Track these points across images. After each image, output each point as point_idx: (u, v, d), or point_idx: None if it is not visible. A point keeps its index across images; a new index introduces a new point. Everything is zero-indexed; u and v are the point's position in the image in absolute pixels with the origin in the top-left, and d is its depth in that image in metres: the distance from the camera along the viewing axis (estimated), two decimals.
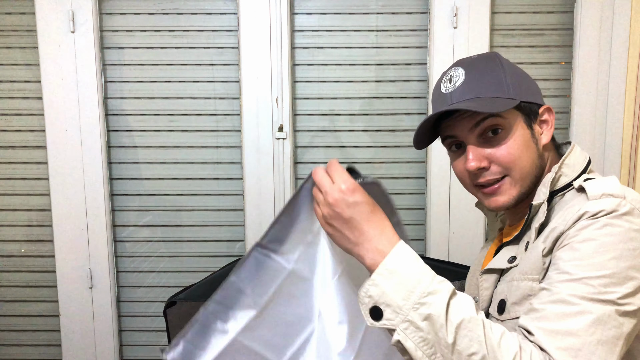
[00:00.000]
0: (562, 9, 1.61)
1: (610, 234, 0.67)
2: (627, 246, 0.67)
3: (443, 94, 0.83)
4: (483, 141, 0.81)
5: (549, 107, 0.84)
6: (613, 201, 0.71)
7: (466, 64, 0.82)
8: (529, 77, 0.88)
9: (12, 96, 1.64)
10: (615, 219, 0.69)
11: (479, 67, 0.82)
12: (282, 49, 1.58)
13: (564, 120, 1.64)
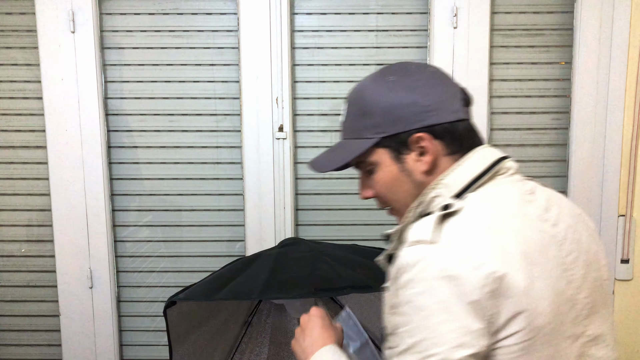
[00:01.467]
0: (562, 9, 1.61)
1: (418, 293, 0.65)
2: (432, 300, 0.64)
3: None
4: (364, 175, 0.85)
5: (420, 135, 0.76)
6: (414, 254, 0.67)
7: (350, 94, 0.84)
8: (408, 99, 0.77)
9: (12, 96, 1.64)
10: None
11: (352, 99, 0.83)
12: (282, 49, 1.58)
13: (564, 120, 1.64)
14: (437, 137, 0.77)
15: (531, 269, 0.67)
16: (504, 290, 0.65)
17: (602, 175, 1.61)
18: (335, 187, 1.67)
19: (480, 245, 0.67)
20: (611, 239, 1.64)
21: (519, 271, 0.66)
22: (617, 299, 1.67)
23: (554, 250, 0.72)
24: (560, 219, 0.76)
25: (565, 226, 0.75)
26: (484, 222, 0.70)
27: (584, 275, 0.74)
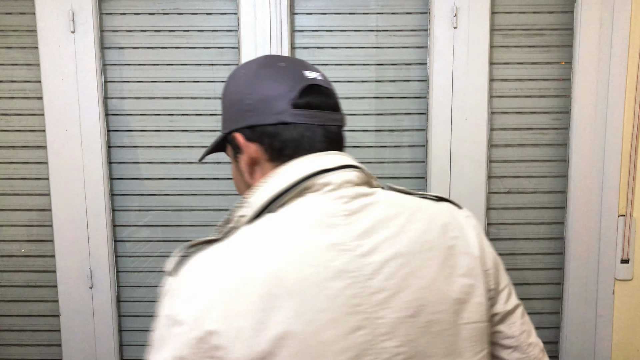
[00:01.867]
0: (562, 9, 1.61)
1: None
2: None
3: None
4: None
5: (234, 135, 0.73)
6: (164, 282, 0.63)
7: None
8: (237, 96, 0.76)
9: (12, 96, 1.64)
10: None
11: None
12: (282, 49, 1.58)
13: (564, 120, 1.64)
14: (251, 139, 0.72)
15: (272, 313, 0.57)
16: (220, 346, 0.57)
17: (602, 175, 1.61)
18: None
19: (205, 293, 0.59)
20: (611, 239, 1.64)
21: (245, 320, 0.57)
22: (617, 299, 1.67)
23: (343, 285, 0.60)
24: (379, 248, 0.63)
25: (385, 258, 0.62)
26: (229, 260, 0.60)
27: (400, 319, 0.61)
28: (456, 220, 0.72)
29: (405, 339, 0.62)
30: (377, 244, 0.63)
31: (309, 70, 0.75)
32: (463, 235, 0.71)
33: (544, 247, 1.69)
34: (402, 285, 0.62)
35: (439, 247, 0.67)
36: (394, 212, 0.67)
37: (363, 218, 0.65)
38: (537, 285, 1.71)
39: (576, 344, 1.69)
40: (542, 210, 1.68)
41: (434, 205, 0.74)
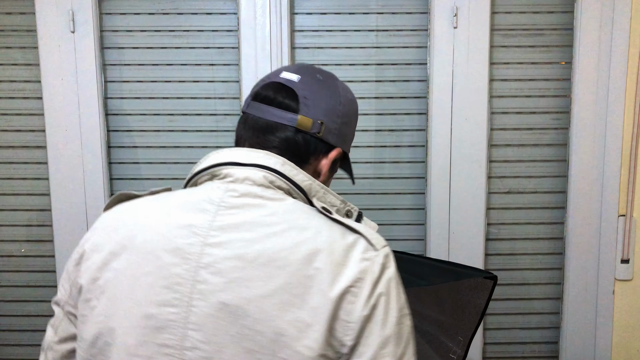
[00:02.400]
0: (562, 9, 1.61)
1: None
2: None
3: None
4: None
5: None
6: None
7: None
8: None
9: (12, 96, 1.64)
10: None
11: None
12: (282, 49, 1.58)
13: (564, 120, 1.64)
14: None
15: (115, 259, 0.68)
16: (83, 261, 0.71)
17: (602, 175, 1.61)
18: (335, 187, 1.67)
19: (98, 226, 0.74)
20: (611, 239, 1.64)
21: (96, 254, 0.70)
22: (617, 299, 1.67)
23: (174, 261, 0.64)
24: (227, 245, 0.65)
25: (225, 256, 0.64)
26: (121, 211, 0.73)
27: (212, 316, 0.62)
28: (337, 254, 0.65)
29: (212, 337, 0.62)
30: (229, 241, 0.65)
31: (288, 72, 0.80)
32: (332, 271, 0.63)
33: (544, 247, 1.69)
34: (226, 286, 0.62)
35: (292, 271, 0.62)
36: (270, 220, 0.67)
37: (236, 215, 0.67)
38: (537, 285, 1.71)
39: (576, 344, 1.69)
40: (542, 210, 1.68)
41: (327, 231, 0.67)
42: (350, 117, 0.83)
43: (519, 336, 1.73)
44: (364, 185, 1.67)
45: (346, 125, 0.82)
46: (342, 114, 0.80)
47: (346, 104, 0.81)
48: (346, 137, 0.83)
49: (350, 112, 0.83)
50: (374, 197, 1.68)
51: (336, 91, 0.81)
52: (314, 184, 0.75)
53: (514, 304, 1.72)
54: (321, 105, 0.78)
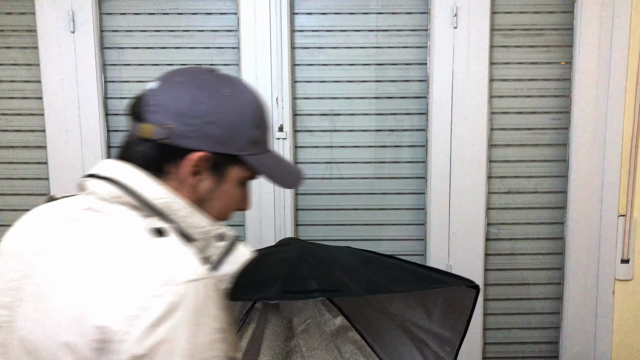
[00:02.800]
0: (562, 9, 1.61)
1: None
2: None
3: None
4: None
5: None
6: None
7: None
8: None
9: (12, 96, 1.64)
10: None
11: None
12: (282, 49, 1.58)
13: (564, 120, 1.64)
14: None
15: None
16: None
17: (602, 175, 1.61)
18: (335, 187, 1.68)
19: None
20: (611, 239, 1.64)
21: None
22: (617, 299, 1.67)
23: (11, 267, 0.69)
24: (44, 255, 0.67)
25: (40, 269, 0.66)
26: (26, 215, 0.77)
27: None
28: (123, 282, 0.61)
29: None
30: (50, 253, 0.67)
31: (156, 80, 0.76)
32: (107, 298, 0.60)
33: (544, 247, 1.69)
34: (36, 298, 0.65)
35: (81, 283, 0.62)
36: (85, 238, 0.67)
37: (70, 228, 0.69)
38: (537, 285, 1.71)
39: (576, 344, 1.69)
40: (542, 210, 1.68)
41: (127, 255, 0.64)
42: (223, 115, 0.73)
43: (519, 336, 1.73)
44: (364, 185, 1.67)
45: (213, 125, 0.72)
46: (202, 113, 0.71)
47: (213, 102, 0.72)
48: (218, 137, 0.72)
49: (222, 110, 0.73)
50: (374, 197, 1.68)
51: (197, 90, 0.72)
52: (174, 203, 0.70)
53: (514, 304, 1.72)
54: (170, 109, 0.71)
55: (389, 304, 1.30)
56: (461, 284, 1.11)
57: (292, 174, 0.84)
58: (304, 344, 1.37)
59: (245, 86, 0.78)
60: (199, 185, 0.74)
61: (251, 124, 0.76)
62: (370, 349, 1.36)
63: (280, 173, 0.81)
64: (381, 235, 1.69)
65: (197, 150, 0.71)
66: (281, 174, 0.81)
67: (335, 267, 1.11)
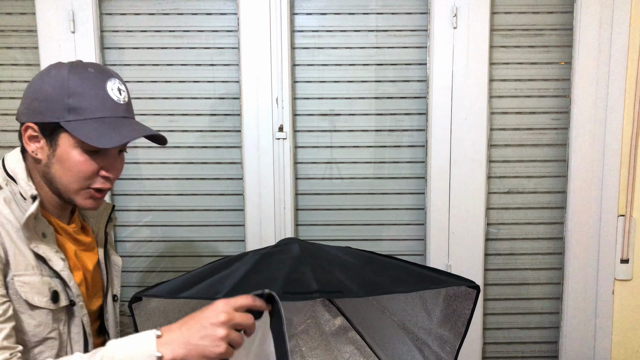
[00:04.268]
0: (562, 9, 1.62)
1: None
2: None
3: (114, 102, 0.94)
4: (119, 155, 1.00)
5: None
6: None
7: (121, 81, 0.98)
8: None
9: (12, 96, 1.64)
10: None
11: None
12: (282, 49, 1.59)
13: (564, 120, 1.64)
14: None
15: None
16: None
17: (602, 175, 1.62)
18: (335, 187, 1.68)
19: None
20: (611, 239, 1.64)
21: None
22: (616, 299, 1.67)
23: None
24: None
25: None
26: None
27: None
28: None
29: None
30: None
31: None
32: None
33: (544, 247, 1.70)
34: None
35: None
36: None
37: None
38: (537, 285, 1.71)
39: (576, 343, 1.69)
40: (542, 210, 1.68)
41: None
42: (42, 90, 0.91)
43: (518, 336, 1.73)
44: (363, 185, 1.67)
45: (37, 101, 0.91)
46: (30, 92, 0.92)
47: (38, 82, 0.92)
48: (39, 109, 0.91)
49: (42, 87, 0.91)
50: (374, 197, 1.68)
51: (37, 76, 0.94)
52: (17, 168, 0.94)
53: (513, 303, 1.72)
54: (24, 95, 0.94)
55: (389, 304, 1.30)
56: (461, 284, 1.11)
57: (114, 135, 0.91)
58: (303, 344, 1.37)
59: (74, 65, 0.93)
60: (40, 152, 0.93)
61: (65, 93, 0.90)
62: (370, 349, 1.36)
63: (99, 134, 0.90)
64: (381, 235, 1.69)
65: (25, 123, 0.92)
66: (100, 135, 0.90)
67: (335, 267, 1.11)
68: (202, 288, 1.04)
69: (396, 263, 1.19)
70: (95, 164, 0.93)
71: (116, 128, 0.92)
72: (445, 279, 1.12)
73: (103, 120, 0.91)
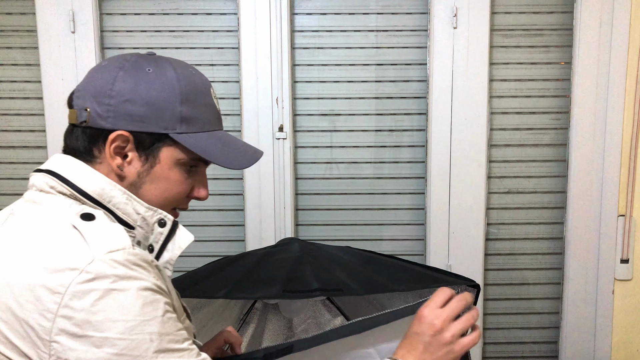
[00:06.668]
0: (562, 9, 1.62)
1: None
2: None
3: (218, 112, 0.80)
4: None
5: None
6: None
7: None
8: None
9: (12, 96, 1.64)
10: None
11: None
12: (282, 49, 1.59)
13: (564, 120, 1.64)
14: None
15: None
16: None
17: (602, 175, 1.62)
18: (335, 187, 1.68)
19: None
20: (611, 239, 1.64)
21: None
22: (616, 299, 1.67)
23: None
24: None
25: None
26: None
27: None
28: (49, 263, 0.61)
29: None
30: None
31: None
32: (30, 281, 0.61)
33: (544, 247, 1.70)
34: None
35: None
36: (7, 227, 0.68)
37: (9, 220, 0.69)
38: (537, 285, 1.71)
39: (576, 343, 1.69)
40: (542, 210, 1.68)
41: (46, 240, 0.64)
42: (143, 92, 0.71)
43: (518, 336, 1.73)
44: (364, 185, 1.67)
45: (131, 103, 0.70)
46: (118, 91, 0.70)
47: (130, 80, 0.71)
48: (138, 116, 0.71)
49: (141, 87, 0.71)
50: (374, 197, 1.68)
51: (118, 71, 0.71)
52: (109, 190, 0.70)
53: (514, 303, 1.72)
54: (89, 92, 0.71)
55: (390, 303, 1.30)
56: (462, 283, 1.11)
57: (238, 155, 0.78)
58: None
59: (174, 63, 0.75)
60: (127, 168, 0.72)
61: (177, 99, 0.72)
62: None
63: (223, 153, 0.76)
64: (381, 235, 1.69)
65: (113, 130, 0.70)
66: (224, 153, 0.76)
67: (335, 266, 1.11)
68: (203, 287, 1.04)
69: (396, 262, 1.19)
70: (190, 184, 0.78)
71: (231, 145, 0.78)
72: (445, 278, 1.13)
73: (215, 134, 0.77)
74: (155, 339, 0.61)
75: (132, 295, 0.61)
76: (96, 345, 0.58)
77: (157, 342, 0.61)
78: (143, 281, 0.62)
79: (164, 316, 0.63)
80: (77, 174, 0.70)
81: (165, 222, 0.74)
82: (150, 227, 0.73)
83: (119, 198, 0.70)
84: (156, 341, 0.61)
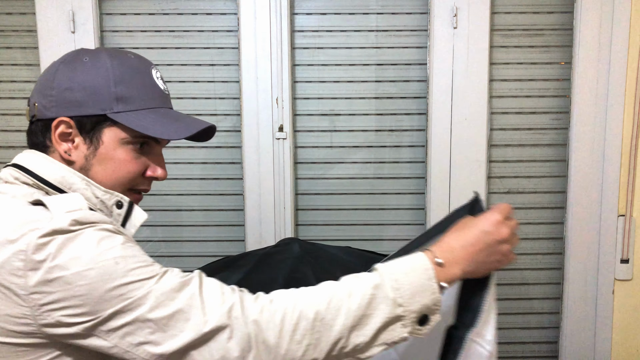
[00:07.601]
0: (562, 9, 1.62)
1: None
2: None
3: (162, 91, 0.84)
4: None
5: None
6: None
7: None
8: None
9: (12, 96, 1.64)
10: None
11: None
12: (282, 49, 1.59)
13: (564, 120, 1.64)
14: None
15: None
16: None
17: (602, 175, 1.62)
18: (335, 187, 1.68)
19: None
20: (611, 239, 1.64)
21: None
22: (616, 299, 1.67)
23: None
24: None
25: None
26: None
27: None
28: (10, 232, 0.66)
29: None
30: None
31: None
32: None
33: (544, 247, 1.70)
34: None
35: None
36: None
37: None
38: (537, 285, 1.71)
39: (576, 344, 1.69)
40: (542, 210, 1.68)
41: (11, 215, 0.68)
42: (79, 79, 0.76)
43: (518, 336, 1.73)
44: (364, 185, 1.67)
45: (70, 91, 0.76)
46: (58, 82, 0.76)
47: (68, 70, 0.77)
48: (76, 101, 0.76)
49: (77, 75, 0.76)
50: (374, 197, 1.68)
51: (59, 64, 0.78)
52: (69, 177, 0.75)
53: (514, 303, 1.72)
54: (36, 88, 0.79)
55: None
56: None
57: (180, 127, 0.82)
58: None
59: (110, 51, 0.80)
60: (74, 152, 0.77)
61: (111, 81, 0.77)
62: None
63: (163, 126, 0.80)
64: (381, 235, 1.69)
65: (55, 118, 0.76)
66: (163, 126, 0.80)
67: (335, 266, 1.11)
68: None
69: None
70: (143, 163, 0.83)
71: (174, 119, 0.82)
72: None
73: (157, 111, 0.80)
74: (120, 261, 0.65)
75: (90, 233, 0.66)
76: (69, 282, 0.63)
77: (122, 263, 0.65)
78: (101, 224, 0.68)
79: (124, 244, 0.68)
80: (37, 164, 0.76)
81: (122, 204, 0.79)
82: (109, 210, 0.78)
83: (78, 184, 0.76)
84: (121, 262, 0.65)
